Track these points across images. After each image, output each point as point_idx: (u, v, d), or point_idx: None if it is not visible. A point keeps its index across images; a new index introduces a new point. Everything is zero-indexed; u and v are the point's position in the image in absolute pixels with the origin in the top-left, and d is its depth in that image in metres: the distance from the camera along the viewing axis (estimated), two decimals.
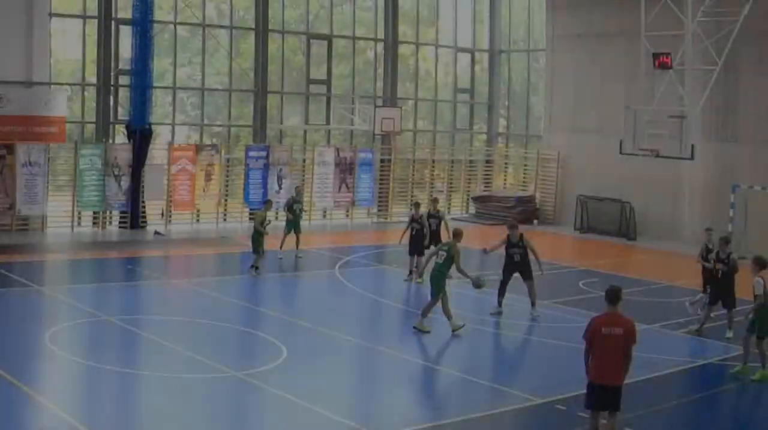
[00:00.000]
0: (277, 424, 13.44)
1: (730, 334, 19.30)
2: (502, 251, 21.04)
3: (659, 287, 25.20)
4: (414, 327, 18.87)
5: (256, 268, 24.21)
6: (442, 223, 25.13)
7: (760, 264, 16.46)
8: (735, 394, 16.10)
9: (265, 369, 15.91)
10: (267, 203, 25.95)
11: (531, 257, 20.84)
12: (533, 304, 20.77)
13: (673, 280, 25.99)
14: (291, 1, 37.45)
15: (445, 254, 19.03)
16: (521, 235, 20.89)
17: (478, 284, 19.34)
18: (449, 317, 18.89)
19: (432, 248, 24.07)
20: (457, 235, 19.47)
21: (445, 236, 25.04)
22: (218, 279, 25.13)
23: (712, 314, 20.02)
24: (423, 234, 24.59)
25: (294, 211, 27.61)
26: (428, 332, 18.79)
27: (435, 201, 26.70)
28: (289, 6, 37.35)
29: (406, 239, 24.95)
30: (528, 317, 20.65)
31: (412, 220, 24.92)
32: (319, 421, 13.41)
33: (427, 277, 24.44)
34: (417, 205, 25.55)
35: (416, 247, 24.66)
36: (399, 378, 16.19)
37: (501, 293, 20.86)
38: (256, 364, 16.26)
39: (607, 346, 11.98)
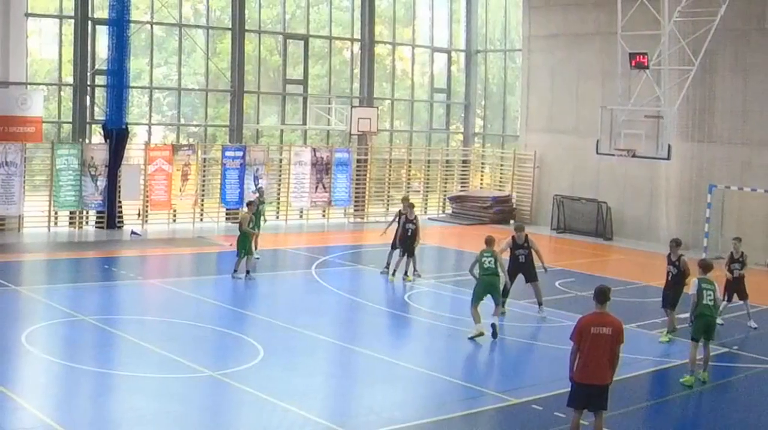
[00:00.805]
0: (254, 424, 13.40)
1: (665, 338, 19.30)
2: (507, 252, 21.11)
3: (635, 287, 25.30)
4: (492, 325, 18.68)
5: (236, 270, 24.09)
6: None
7: (703, 267, 16.93)
8: (711, 393, 16.18)
9: (242, 369, 15.88)
10: (249, 204, 25.90)
11: (535, 257, 21.07)
12: (540, 304, 20.91)
13: (649, 280, 26.06)
14: (267, 1, 37.43)
15: (492, 259, 18.93)
16: (526, 236, 21.14)
17: (506, 291, 19.98)
18: (478, 320, 18.60)
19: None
20: (490, 242, 19.28)
21: (419, 235, 25.15)
22: (195, 279, 25.09)
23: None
24: (416, 235, 24.65)
25: (259, 211, 27.62)
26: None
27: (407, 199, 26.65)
28: (265, 6, 37.33)
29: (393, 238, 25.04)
30: (510, 318, 20.73)
31: (407, 220, 24.89)
32: (296, 421, 13.39)
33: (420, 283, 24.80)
34: (411, 205, 25.49)
35: (407, 247, 24.69)
36: (376, 378, 16.18)
37: (504, 294, 20.90)
38: (233, 364, 16.22)
39: (596, 345, 12.00)
